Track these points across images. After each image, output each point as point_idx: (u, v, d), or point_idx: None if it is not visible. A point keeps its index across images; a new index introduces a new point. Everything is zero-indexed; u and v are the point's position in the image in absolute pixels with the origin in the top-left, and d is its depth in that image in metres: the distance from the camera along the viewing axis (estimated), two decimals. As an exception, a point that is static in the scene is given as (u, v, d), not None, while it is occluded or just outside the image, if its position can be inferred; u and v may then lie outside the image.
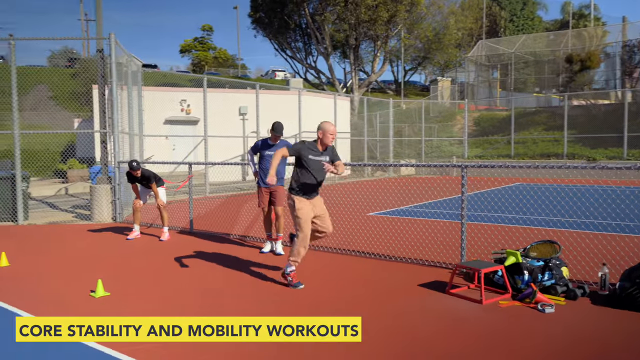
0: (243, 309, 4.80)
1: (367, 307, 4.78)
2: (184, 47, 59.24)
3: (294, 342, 3.88)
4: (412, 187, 17.05)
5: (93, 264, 6.73)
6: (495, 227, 8.81)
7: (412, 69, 45.93)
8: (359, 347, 3.84)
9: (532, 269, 5.11)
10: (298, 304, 4.91)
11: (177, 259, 6.89)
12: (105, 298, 5.15)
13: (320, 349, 3.82)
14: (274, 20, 32.02)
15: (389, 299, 5.05)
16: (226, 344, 3.87)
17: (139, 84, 14.14)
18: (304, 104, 22.75)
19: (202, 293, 5.33)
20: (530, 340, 3.98)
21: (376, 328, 4.23)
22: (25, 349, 3.82)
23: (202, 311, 4.69)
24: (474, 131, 29.02)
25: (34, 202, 13.94)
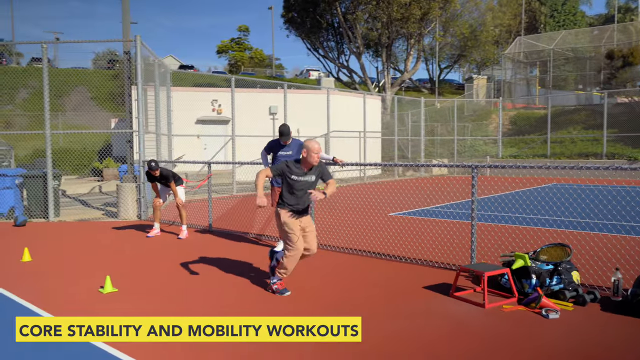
0: (245, 308, 4.83)
1: (367, 307, 4.73)
2: (221, 48, 60.23)
3: (294, 342, 3.87)
4: (441, 187, 16.78)
5: (109, 260, 6.92)
6: (516, 228, 8.57)
7: (447, 67, 45.20)
8: (357, 347, 3.81)
9: (540, 272, 4.94)
10: (302, 304, 4.91)
11: (190, 257, 7.00)
12: (113, 294, 5.28)
13: (320, 349, 3.81)
14: (306, 20, 32.11)
15: (390, 300, 4.98)
16: (226, 344, 3.88)
17: (168, 84, 14.45)
18: (334, 103, 22.73)
19: (206, 292, 5.39)
20: (528, 345, 3.84)
21: (374, 329, 4.18)
22: (25, 348, 3.95)
23: (203, 310, 4.75)
24: (510, 130, 28.31)
25: (68, 200, 14.47)
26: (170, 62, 57.21)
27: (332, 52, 34.28)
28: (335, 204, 12.42)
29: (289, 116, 21.66)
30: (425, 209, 11.54)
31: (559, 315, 4.42)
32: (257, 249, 7.52)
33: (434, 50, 39.53)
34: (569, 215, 10.10)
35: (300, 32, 33.31)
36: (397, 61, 39.16)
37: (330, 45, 34.01)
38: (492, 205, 11.75)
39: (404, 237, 7.95)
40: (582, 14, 48.08)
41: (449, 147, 27.30)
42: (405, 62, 34.38)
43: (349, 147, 22.21)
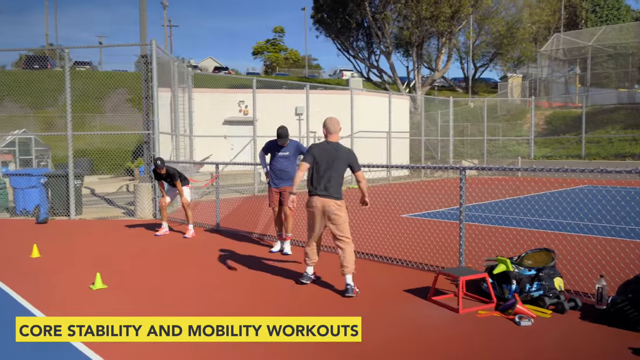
0: (244, 308, 4.91)
1: (340, 309, 4.72)
2: (257, 49, 60.98)
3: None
4: (467, 188, 16.46)
5: (111, 257, 7.15)
6: (521, 231, 8.34)
7: (483, 66, 44.26)
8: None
9: (520, 278, 4.81)
10: (290, 304, 4.96)
11: (191, 256, 7.16)
12: (101, 290, 5.47)
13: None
14: (336, 20, 32.11)
15: (364, 303, 4.96)
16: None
17: (189, 86, 14.76)
18: (360, 103, 22.66)
19: (198, 290, 5.51)
20: (487, 352, 3.76)
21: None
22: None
23: (196, 309, 4.86)
24: (544, 130, 27.49)
25: (95, 199, 15.00)
26: (209, 64, 58.38)
27: (361, 52, 34.18)
28: (350, 204, 12.38)
29: (315, 117, 21.73)
30: (440, 211, 11.37)
31: (531, 323, 4.30)
32: (255, 249, 7.61)
33: (468, 48, 38.78)
34: (585, 218, 9.75)
35: (330, 33, 33.33)
36: (430, 60, 38.63)
37: (359, 45, 33.92)
38: (510, 207, 11.47)
39: (403, 239, 7.87)
40: (626, 8, 46.08)
41: (480, 147, 26.75)
42: (436, 61, 33.89)
43: (375, 148, 22.09)
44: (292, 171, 7.35)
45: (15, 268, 6.51)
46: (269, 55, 59.79)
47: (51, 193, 11.30)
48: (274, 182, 7.33)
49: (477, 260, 6.34)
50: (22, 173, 11.75)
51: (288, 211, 7.30)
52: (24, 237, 8.77)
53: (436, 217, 10.55)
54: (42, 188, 11.39)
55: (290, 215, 7.31)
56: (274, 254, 7.24)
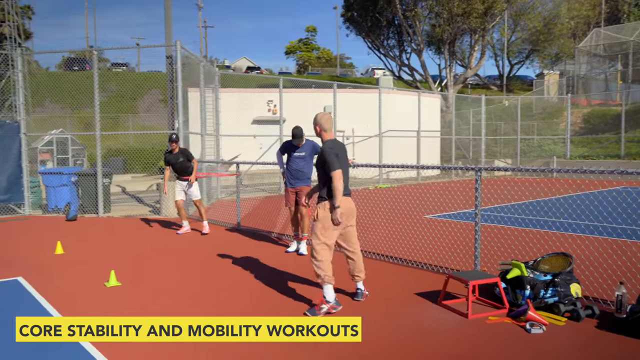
0: (244, 308, 4.92)
1: (349, 311, 4.64)
2: (289, 49, 61.27)
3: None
4: (495, 189, 16.08)
5: (130, 255, 7.28)
6: (546, 234, 8.05)
7: (518, 63, 43.11)
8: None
9: (534, 283, 4.63)
10: (295, 304, 4.93)
11: (208, 255, 7.22)
12: (115, 288, 5.56)
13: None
14: (366, 18, 31.88)
15: (373, 305, 4.87)
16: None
17: (216, 86, 14.92)
18: (389, 102, 22.44)
19: (208, 289, 5.53)
20: (484, 357, 3.63)
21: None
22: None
23: (195, 308, 4.89)
24: (582, 129, 26.58)
25: (125, 197, 15.35)
26: (243, 64, 59.01)
27: (392, 50, 33.84)
28: (373, 204, 12.29)
29: (343, 115, 21.67)
30: (466, 212, 11.12)
31: (542, 330, 4.12)
32: (272, 249, 7.62)
33: (503, 45, 37.87)
34: (622, 222, 9.35)
35: (360, 31, 33.13)
36: (463, 57, 37.89)
37: (390, 43, 33.59)
38: (540, 209, 11.12)
39: (422, 241, 7.72)
40: (674, 1, 44.02)
41: (514, 146, 26.09)
42: (469, 59, 33.23)
43: (404, 147, 21.84)
44: (308, 171, 7.32)
45: (37, 264, 6.70)
46: (301, 55, 59.97)
47: (81, 191, 11.61)
48: (290, 182, 7.31)
49: (495, 263, 6.15)
50: (54, 172, 12.11)
51: (304, 211, 7.26)
52: (52, 234, 9.02)
53: (461, 218, 10.32)
54: (72, 186, 11.72)
55: (306, 215, 7.27)
56: (290, 254, 7.22)
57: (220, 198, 14.52)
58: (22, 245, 8.08)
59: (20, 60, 12.00)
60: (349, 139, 23.09)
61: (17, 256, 7.22)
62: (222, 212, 11.22)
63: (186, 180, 8.95)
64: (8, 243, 8.30)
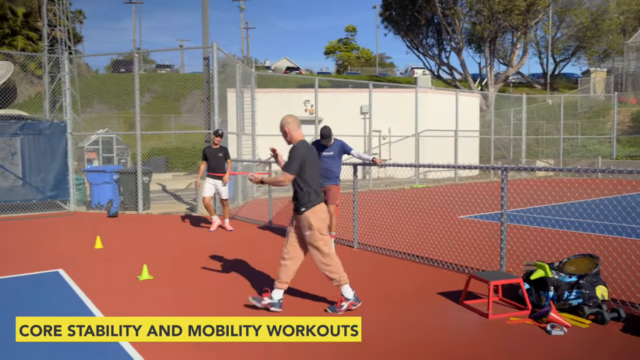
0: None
1: (366, 309, 4.70)
2: (329, 49, 61.43)
3: (294, 342, 3.87)
4: (535, 190, 15.71)
5: (164, 250, 7.55)
6: (580, 235, 7.84)
7: (563, 60, 41.77)
8: (357, 347, 3.84)
9: (558, 285, 4.55)
10: (306, 304, 5.02)
11: (236, 252, 7.41)
12: (147, 281, 5.81)
13: (320, 349, 3.82)
14: (405, 17, 31.63)
15: (395, 303, 4.90)
16: (226, 344, 3.90)
17: (253, 87, 15.18)
18: (427, 102, 22.23)
19: (232, 285, 5.70)
20: (496, 357, 3.61)
21: (365, 332, 4.15)
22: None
23: (216, 302, 5.05)
24: (630, 128, 25.58)
25: (164, 194, 15.84)
26: (283, 65, 59.62)
27: (431, 49, 33.45)
28: (406, 204, 12.24)
29: (380, 115, 21.64)
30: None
31: (564, 332, 4.06)
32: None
33: (547, 42, 36.79)
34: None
35: (399, 30, 32.90)
36: (505, 55, 37.05)
37: (429, 42, 33.22)
38: (573, 210, 10.82)
39: (451, 241, 7.67)
40: None
41: (558, 146, 25.35)
42: (510, 57, 32.46)
43: (442, 147, 21.59)
44: (337, 170, 7.39)
45: (77, 257, 7.05)
46: (340, 55, 60.04)
47: (122, 189, 12.07)
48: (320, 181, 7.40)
49: (524, 264, 6.07)
50: (97, 170, 12.64)
51: (332, 209, 7.34)
52: (93, 229, 9.44)
53: (495, 219, 10.16)
54: (114, 184, 12.21)
55: (334, 213, 7.35)
56: (318, 252, 7.31)
57: (256, 197, 14.78)
58: (65, 240, 8.51)
59: (68, 63, 12.58)
60: (385, 139, 23.02)
61: (59, 250, 7.62)
62: (256, 210, 11.44)
63: (218, 177, 9.13)
64: (52, 237, 8.75)
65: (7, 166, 11.49)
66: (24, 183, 11.67)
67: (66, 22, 30.88)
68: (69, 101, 12.52)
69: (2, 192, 11.40)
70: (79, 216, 11.44)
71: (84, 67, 42.63)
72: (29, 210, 11.72)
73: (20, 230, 9.49)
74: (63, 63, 12.54)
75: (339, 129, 19.88)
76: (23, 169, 11.66)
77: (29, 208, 11.70)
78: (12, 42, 31.83)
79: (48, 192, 11.94)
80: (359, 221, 7.77)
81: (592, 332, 4.13)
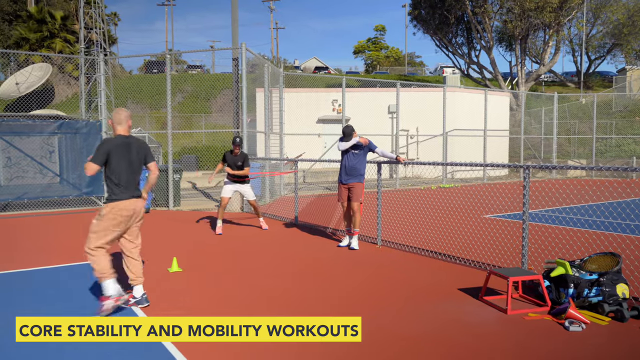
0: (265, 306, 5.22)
1: (386, 305, 4.81)
2: (357, 48, 61.37)
3: (294, 342, 3.84)
4: (565, 189, 15.47)
5: (193, 244, 7.81)
6: (601, 234, 7.75)
7: (598, 58, 40.71)
8: (358, 346, 3.91)
9: (578, 282, 4.57)
10: (325, 302, 5.17)
11: (262, 247, 7.61)
12: (176, 273, 6.05)
13: (320, 349, 3.82)
14: (434, 16, 31.42)
15: (415, 298, 4.99)
16: (226, 344, 3.86)
17: (281, 86, 15.41)
18: (455, 101, 22.11)
19: (252, 279, 5.89)
20: (523, 354, 3.67)
21: (383, 327, 4.25)
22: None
23: (237, 297, 5.24)
24: (668, 127, 24.82)
25: (195, 192, 16.22)
26: (313, 64, 59.90)
27: (460, 48, 33.10)
28: (434, 203, 12.26)
29: (408, 114, 21.64)
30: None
31: (582, 329, 4.09)
32: (324, 243, 7.87)
33: (581, 40, 35.95)
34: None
35: (428, 29, 32.69)
36: (538, 53, 36.38)
37: (458, 41, 32.87)
38: (603, 209, 10.65)
39: (475, 239, 7.69)
40: None
41: (590, 146, 24.81)
42: (542, 55, 31.86)
43: (470, 147, 21.42)
44: (361, 168, 7.52)
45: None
46: (369, 54, 59.92)
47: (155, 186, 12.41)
48: (344, 178, 7.54)
49: (544, 263, 6.07)
50: (130, 167, 13.03)
51: (355, 206, 7.46)
52: (126, 224, 9.78)
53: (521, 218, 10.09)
54: (146, 181, 12.58)
55: (357, 210, 7.47)
56: (342, 249, 7.45)
57: (283, 194, 15.00)
58: (99, 234, 8.85)
59: (103, 64, 13.04)
60: (413, 138, 22.97)
61: (94, 243, 7.94)
62: (283, 207, 11.64)
63: (239, 182, 9.14)
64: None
65: (45, 164, 12.00)
66: (61, 180, 12.17)
67: (102, 24, 31.80)
68: (104, 101, 12.98)
69: (41, 188, 11.91)
70: (112, 212, 11.83)
71: (119, 68, 43.73)
72: (66, 206, 12.20)
73: (57, 224, 9.91)
74: (98, 64, 13.00)
75: (366, 129, 20.11)
76: (60, 166, 12.16)
77: (65, 204, 12.19)
78: (51, 45, 32.94)
79: (84, 189, 12.40)
80: (383, 219, 7.87)
81: (611, 329, 4.14)
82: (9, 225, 9.84)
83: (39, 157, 11.93)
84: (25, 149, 11.80)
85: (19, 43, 32.94)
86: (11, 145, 11.67)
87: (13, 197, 11.62)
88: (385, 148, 20.70)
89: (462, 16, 31.19)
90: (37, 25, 32.98)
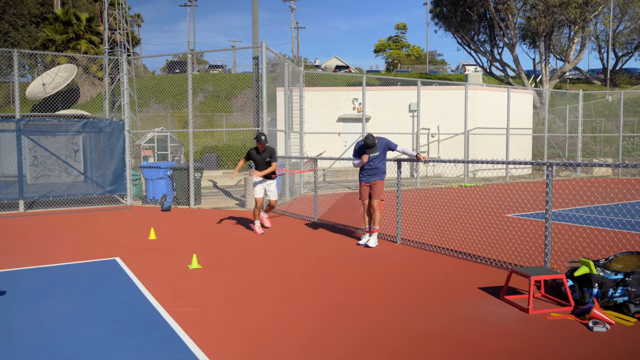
0: (265, 305, 5.22)
1: (409, 301, 4.78)
2: (378, 47, 61.13)
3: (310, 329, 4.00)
4: (589, 189, 15.16)
5: (212, 242, 7.87)
6: (627, 234, 7.57)
7: (626, 55, 39.78)
8: (371, 336, 3.96)
9: (603, 282, 4.47)
10: (345, 300, 5.15)
11: (278, 244, 7.62)
12: (196, 270, 6.10)
13: (355, 332, 4.00)
14: (456, 13, 31.08)
15: (436, 297, 4.94)
16: (237, 331, 4.10)
17: (301, 85, 15.42)
18: (477, 99, 21.85)
19: (270, 277, 5.90)
20: (542, 354, 3.60)
21: (404, 326, 4.24)
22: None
23: (253, 293, 5.27)
24: (698, 125, 24.11)
25: (215, 190, 16.35)
26: (333, 63, 59.88)
27: (483, 45, 32.67)
28: (455, 201, 12.13)
29: (428, 113, 21.47)
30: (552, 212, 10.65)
31: (606, 329, 4.00)
32: (343, 241, 7.85)
33: (608, 36, 35.18)
34: None
35: (449, 27, 32.36)
36: (562, 50, 35.75)
37: (480, 38, 32.44)
38: (629, 208, 10.40)
39: (497, 238, 7.58)
40: None
41: (617, 144, 24.24)
42: (567, 52, 31.26)
43: (493, 145, 21.16)
44: (382, 167, 7.48)
45: (133, 247, 7.47)
46: (390, 53, 59.62)
47: (175, 184, 12.58)
48: (365, 178, 7.50)
49: (567, 262, 5.95)
50: (152, 166, 13.22)
51: (376, 204, 7.43)
52: (148, 222, 9.93)
53: (544, 217, 9.93)
54: (168, 180, 12.75)
55: (377, 208, 7.43)
56: (361, 247, 7.42)
57: (303, 193, 15.02)
58: (122, 231, 9.00)
59: (126, 65, 13.23)
60: (434, 137, 22.77)
61: (117, 240, 8.08)
62: (303, 206, 11.66)
63: (267, 178, 9.06)
64: (111, 228, 9.27)
65: (70, 162, 12.24)
66: (85, 178, 12.40)
67: (125, 25, 32.33)
68: (127, 101, 13.17)
69: (66, 186, 12.15)
70: (135, 210, 12.02)
71: (142, 69, 44.37)
72: (89, 204, 12.42)
73: (81, 222, 10.10)
74: (122, 65, 13.19)
75: (386, 127, 19.99)
76: (84, 165, 12.38)
77: (89, 202, 12.41)
78: (76, 46, 33.58)
79: (107, 187, 12.61)
80: (403, 218, 7.81)
81: (638, 330, 4.04)
82: (38, 222, 10.06)
83: (64, 155, 12.17)
84: (50, 148, 12.05)
85: (45, 45, 33.67)
86: (37, 144, 11.93)
87: (39, 195, 11.88)
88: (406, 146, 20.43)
89: (484, 13, 30.79)
90: (63, 27, 33.65)
